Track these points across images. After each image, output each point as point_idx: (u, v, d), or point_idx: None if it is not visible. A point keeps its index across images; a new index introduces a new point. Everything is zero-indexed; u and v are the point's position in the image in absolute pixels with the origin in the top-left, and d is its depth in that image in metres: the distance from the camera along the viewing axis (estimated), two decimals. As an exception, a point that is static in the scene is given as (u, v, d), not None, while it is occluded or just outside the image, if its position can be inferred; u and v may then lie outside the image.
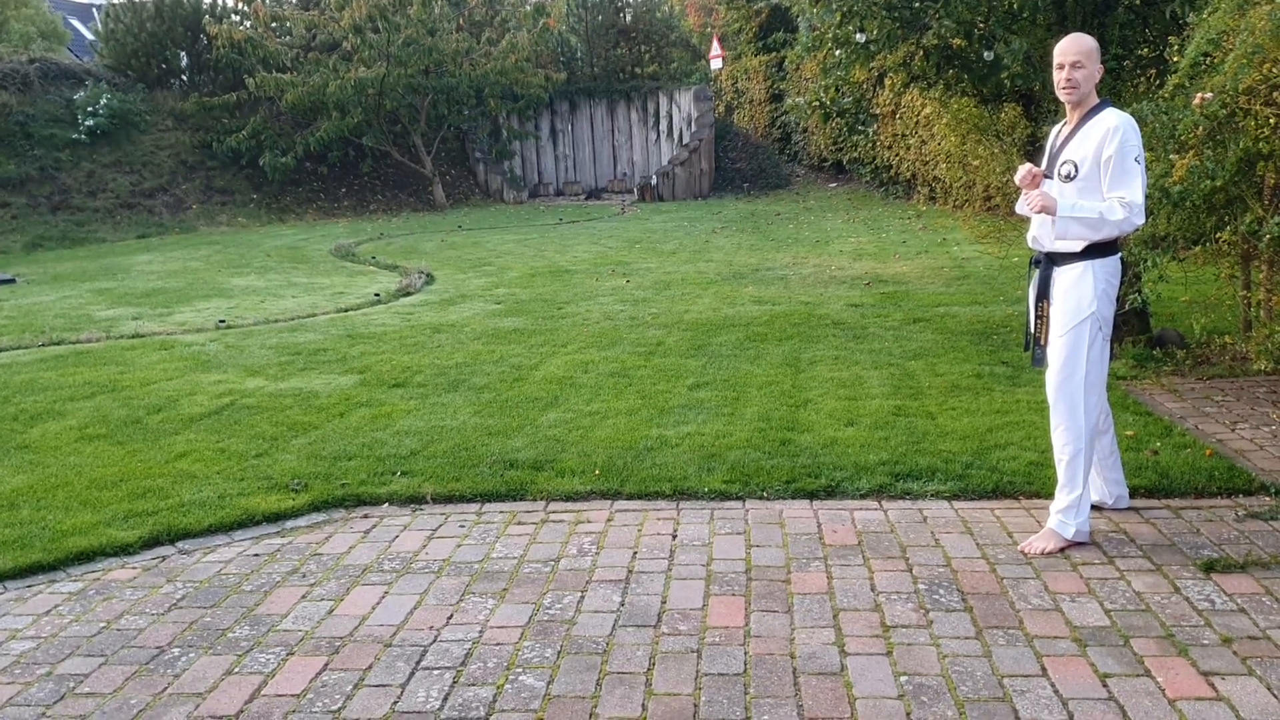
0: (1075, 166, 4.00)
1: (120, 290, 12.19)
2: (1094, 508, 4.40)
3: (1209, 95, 5.27)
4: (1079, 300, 4.05)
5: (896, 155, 18.40)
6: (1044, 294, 4.15)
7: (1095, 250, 4.03)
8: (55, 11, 32.75)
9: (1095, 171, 3.95)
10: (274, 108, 21.70)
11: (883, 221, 16.23)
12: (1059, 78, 4.03)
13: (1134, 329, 7.01)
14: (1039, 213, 4.00)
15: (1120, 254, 4.14)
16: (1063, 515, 4.10)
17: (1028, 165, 4.08)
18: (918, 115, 16.83)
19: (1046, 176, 4.12)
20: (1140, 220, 3.93)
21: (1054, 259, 4.13)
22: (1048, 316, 4.16)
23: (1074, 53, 3.99)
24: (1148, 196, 5.46)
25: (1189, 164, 5.38)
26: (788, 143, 23.67)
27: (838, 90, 7.54)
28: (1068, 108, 4.11)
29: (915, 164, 17.66)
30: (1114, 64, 6.53)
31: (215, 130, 21.45)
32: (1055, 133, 4.22)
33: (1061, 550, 4.04)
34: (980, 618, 3.54)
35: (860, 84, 7.49)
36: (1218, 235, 6.01)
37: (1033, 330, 4.22)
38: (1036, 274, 4.20)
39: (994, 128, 7.27)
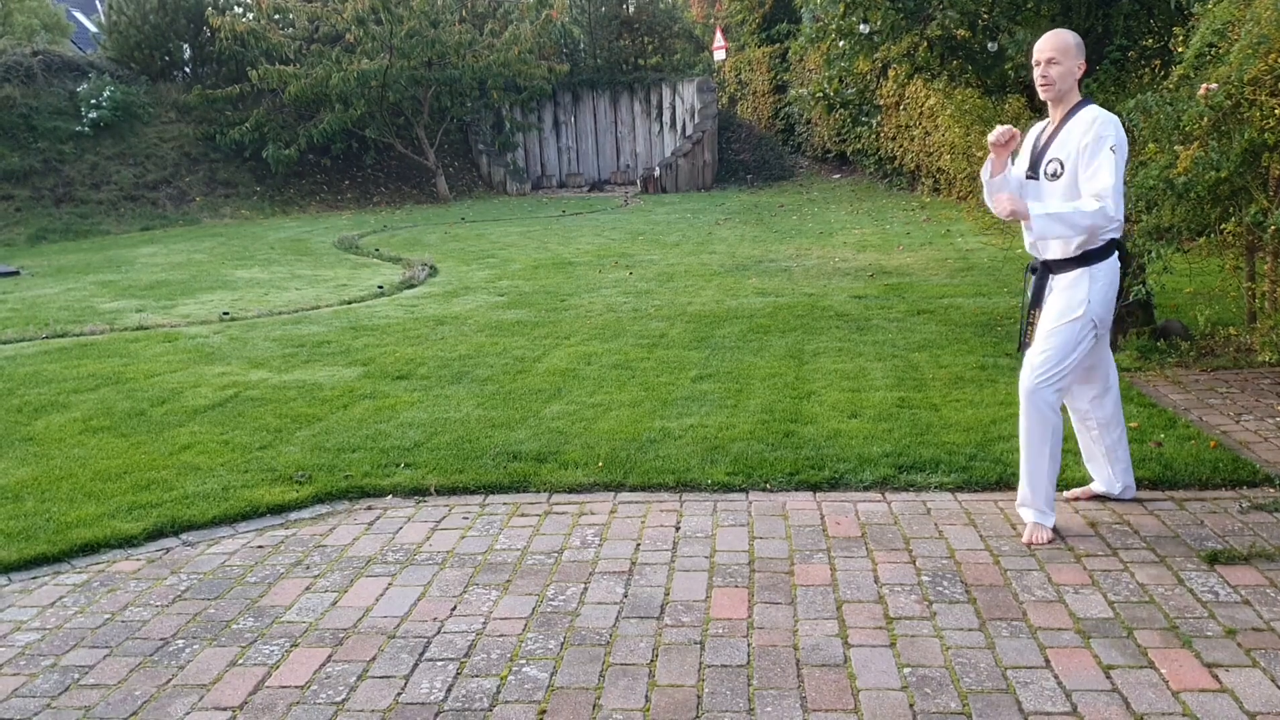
0: (1061, 164, 3.94)
1: (124, 282, 12.21)
2: (1100, 498, 4.40)
3: (1214, 86, 5.25)
4: (1070, 300, 4.00)
5: (900, 147, 18.37)
6: (1037, 301, 4.10)
7: (1093, 256, 3.97)
8: (58, 4, 32.73)
9: (1078, 168, 3.91)
10: (277, 100, 21.68)
11: (886, 213, 16.20)
12: (1036, 75, 3.97)
13: (1138, 320, 6.99)
14: (1009, 217, 3.89)
15: (1117, 254, 4.07)
16: (1037, 508, 4.09)
17: (1007, 126, 3.95)
18: (921, 106, 16.79)
19: (1031, 177, 4.05)
20: (1115, 212, 3.80)
21: (1051, 266, 4.07)
22: (1036, 322, 4.10)
23: (1049, 49, 3.92)
24: (1151, 187, 5.45)
25: (1194, 155, 5.36)
26: (791, 134, 23.63)
27: (841, 81, 7.52)
28: (1049, 106, 4.04)
29: (919, 155, 17.62)
30: (1118, 54, 6.51)
31: (218, 122, 21.43)
32: (1038, 131, 4.14)
33: (1050, 541, 4.05)
34: (984, 609, 3.54)
35: (864, 75, 7.47)
36: (1222, 226, 5.99)
37: (1024, 336, 4.17)
38: (1033, 280, 4.15)
39: (998, 119, 7.24)
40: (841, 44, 7.08)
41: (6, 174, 18.66)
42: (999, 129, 3.95)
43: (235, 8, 22.70)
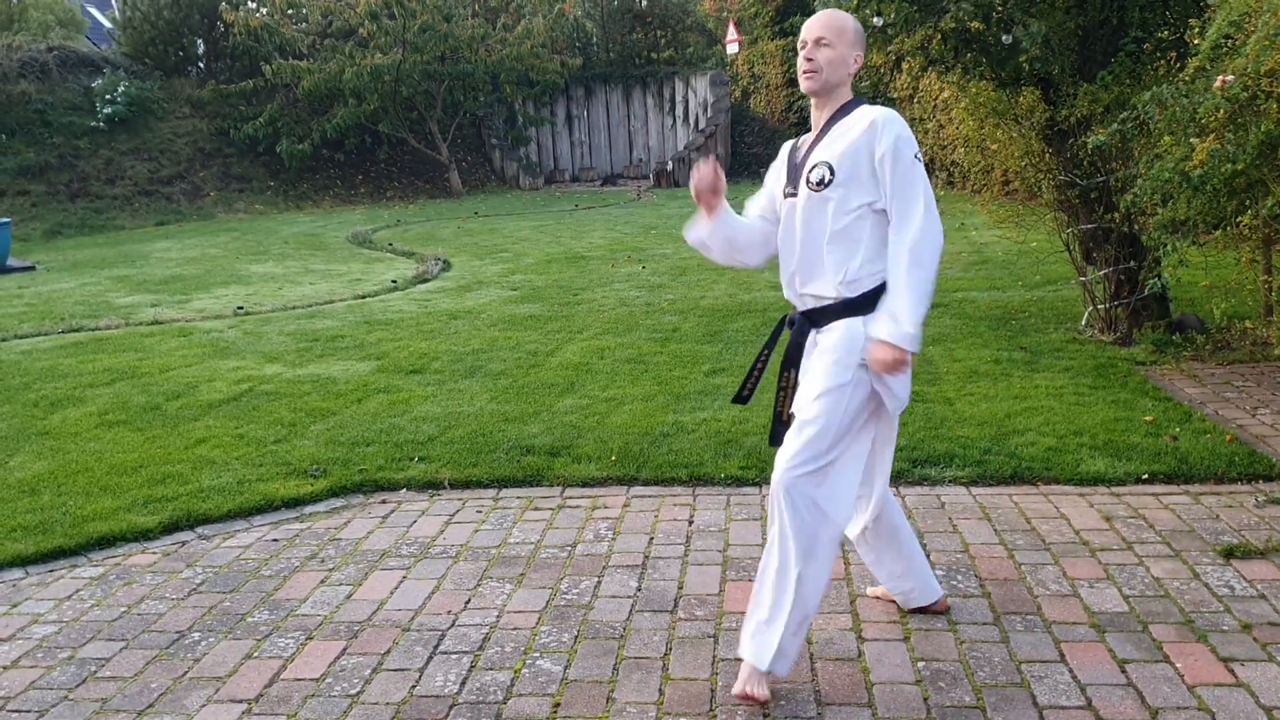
0: (830, 169, 3.02)
1: (139, 277, 12.26)
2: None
3: (1230, 78, 5.21)
4: (849, 353, 3.04)
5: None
6: (794, 361, 3.22)
7: (868, 300, 3.06)
8: (73, 0, 32.85)
9: (856, 173, 3.00)
10: (290, 95, 21.73)
11: (900, 207, 16.12)
12: (799, 60, 3.11)
13: (1154, 314, 6.96)
14: (896, 370, 2.96)
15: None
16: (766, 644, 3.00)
17: (708, 158, 3.21)
18: (935, 99, 16.73)
19: (791, 195, 3.13)
20: (939, 225, 3.02)
21: (814, 318, 3.17)
22: (792, 387, 3.20)
23: (819, 28, 3.07)
24: (1167, 180, 5.42)
25: (1210, 148, 5.32)
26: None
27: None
28: (812, 104, 3.17)
29: (933, 148, 17.56)
30: (1134, 47, 6.47)
31: (232, 117, 21.51)
32: (793, 146, 3.26)
33: (765, 701, 2.95)
34: (998, 603, 3.53)
35: (877, 68, 7.44)
36: (1238, 219, 5.95)
37: (778, 406, 3.23)
38: (787, 335, 3.29)
39: (1012, 112, 7.19)
40: (855, 37, 7.05)
41: (22, 169, 18.75)
42: (700, 166, 3.16)
43: (249, 3, 22.76)
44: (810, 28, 3.09)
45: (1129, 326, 6.95)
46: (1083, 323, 7.36)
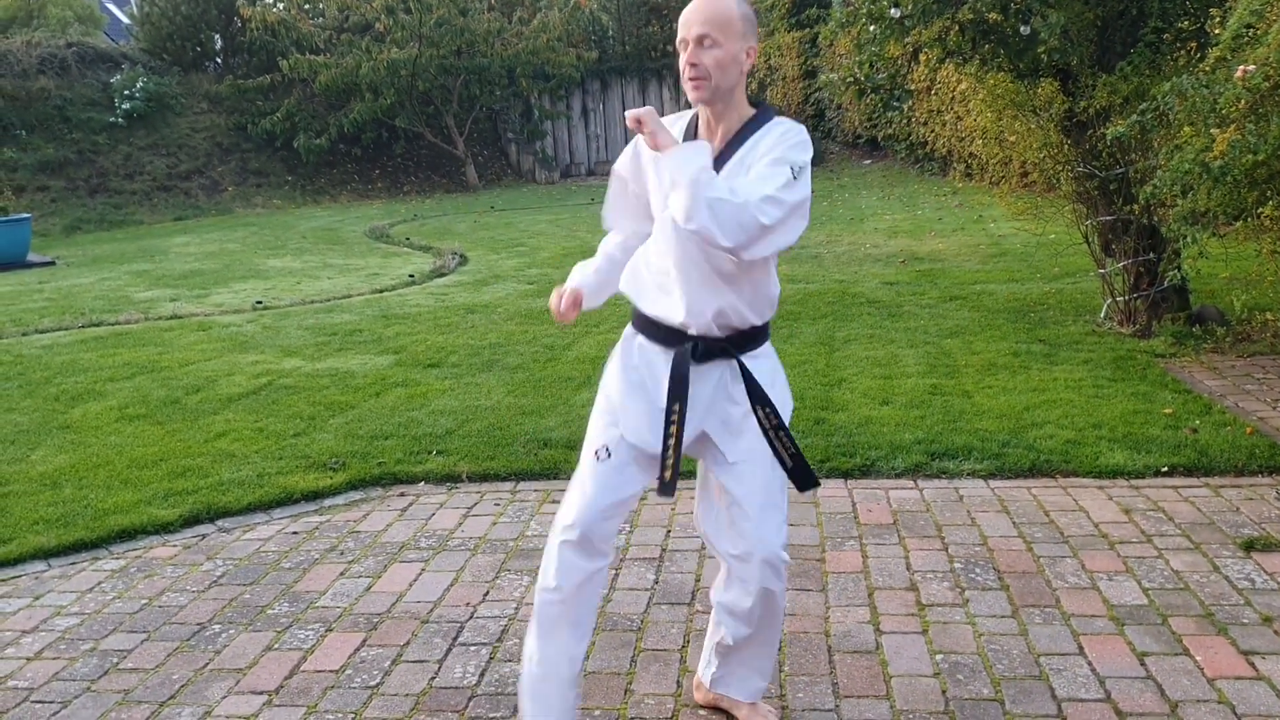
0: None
1: (158, 272, 12.32)
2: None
3: (1252, 68, 5.17)
4: (784, 397, 2.76)
5: (932, 131, 18.22)
6: (680, 393, 2.61)
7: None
8: (91, -4, 33.00)
9: None
10: (307, 90, 21.77)
11: (918, 198, 16.09)
12: (681, 63, 2.51)
13: (1173, 306, 6.92)
14: (656, 150, 2.43)
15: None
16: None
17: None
18: (953, 91, 16.64)
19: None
20: (764, 247, 2.41)
21: (735, 342, 2.64)
22: (680, 432, 2.65)
23: (699, 23, 2.45)
24: (1187, 172, 5.37)
25: (1230, 138, 5.28)
26: (821, 119, 23.49)
27: (872, 66, 7.45)
28: (702, 115, 2.58)
29: (951, 140, 17.47)
30: (1153, 37, 6.42)
31: (250, 113, 21.57)
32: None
33: None
34: (1017, 596, 3.52)
35: (895, 60, 7.40)
36: (1259, 211, 5.91)
37: (669, 450, 2.68)
38: (666, 360, 2.64)
39: (1031, 103, 7.16)
40: (872, 28, 7.03)
41: (42, 165, 18.86)
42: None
43: (265, -2, 22.83)
44: (689, 23, 2.48)
45: (1148, 319, 6.91)
46: (1101, 315, 7.33)
